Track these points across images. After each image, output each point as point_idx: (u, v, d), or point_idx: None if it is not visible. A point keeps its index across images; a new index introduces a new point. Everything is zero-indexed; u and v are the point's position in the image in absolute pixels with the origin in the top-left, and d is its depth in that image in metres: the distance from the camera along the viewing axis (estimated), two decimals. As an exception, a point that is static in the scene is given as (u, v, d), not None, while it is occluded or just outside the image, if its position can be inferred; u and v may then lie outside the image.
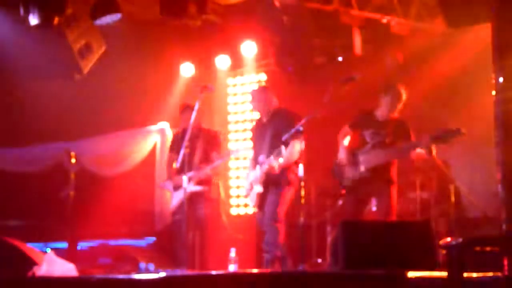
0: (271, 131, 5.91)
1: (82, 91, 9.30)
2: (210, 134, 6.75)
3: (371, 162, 5.68)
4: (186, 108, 6.88)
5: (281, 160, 5.62)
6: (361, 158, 5.74)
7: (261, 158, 5.90)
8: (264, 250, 5.78)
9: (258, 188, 5.89)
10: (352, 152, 5.84)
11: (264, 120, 6.13)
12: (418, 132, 5.87)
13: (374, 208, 6.12)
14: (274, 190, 5.86)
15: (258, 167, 5.95)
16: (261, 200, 5.93)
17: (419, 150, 5.63)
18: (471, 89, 6.98)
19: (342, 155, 5.88)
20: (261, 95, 6.16)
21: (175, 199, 6.63)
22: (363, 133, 5.81)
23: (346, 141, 5.91)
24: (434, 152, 5.53)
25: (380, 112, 5.87)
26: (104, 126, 9.25)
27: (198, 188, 6.43)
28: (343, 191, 5.96)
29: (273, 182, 5.85)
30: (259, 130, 6.19)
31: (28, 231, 8.47)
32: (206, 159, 6.54)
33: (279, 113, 6.03)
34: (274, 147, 5.71)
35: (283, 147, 5.57)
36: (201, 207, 6.50)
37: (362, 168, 5.72)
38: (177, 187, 6.65)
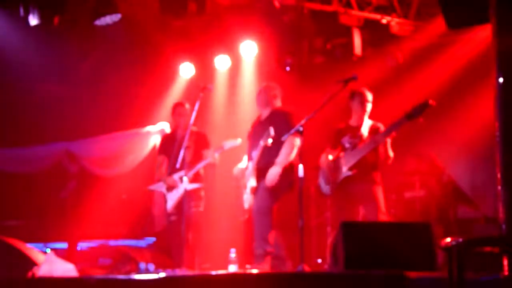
0: (266, 130, 5.75)
1: (82, 92, 9.31)
2: (200, 135, 6.75)
3: (351, 160, 5.74)
4: (177, 108, 6.88)
5: (270, 140, 5.56)
6: (343, 160, 5.80)
7: (254, 154, 5.85)
8: (254, 246, 5.68)
9: (252, 182, 5.80)
10: (334, 159, 5.89)
11: (262, 118, 6.09)
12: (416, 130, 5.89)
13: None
14: (264, 184, 5.75)
15: (250, 163, 5.90)
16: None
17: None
18: (471, 89, 6.98)
19: (324, 164, 5.95)
20: (268, 92, 6.10)
21: (170, 200, 6.62)
22: (342, 142, 5.90)
23: (330, 158, 5.96)
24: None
25: (354, 118, 6.00)
26: (104, 126, 9.25)
27: (195, 185, 6.42)
28: (329, 202, 6.03)
29: (264, 176, 5.76)
30: (256, 128, 6.12)
31: (28, 231, 8.47)
32: (197, 158, 6.54)
33: (278, 114, 5.98)
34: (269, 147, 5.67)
35: (271, 128, 5.52)
36: (192, 205, 6.48)
37: (344, 169, 5.77)
38: (170, 188, 6.64)
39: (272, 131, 5.53)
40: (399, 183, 7.38)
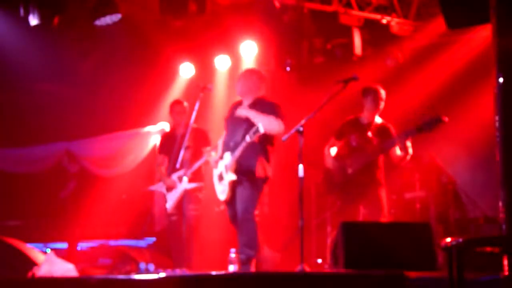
0: (249, 120, 5.52)
1: (82, 92, 9.32)
2: (199, 132, 6.72)
3: (357, 163, 5.71)
4: (174, 106, 6.87)
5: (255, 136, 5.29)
6: (348, 161, 5.78)
7: (232, 144, 5.58)
8: (239, 251, 5.47)
9: (231, 176, 5.50)
10: (339, 158, 5.87)
11: (244, 106, 5.72)
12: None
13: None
14: (246, 183, 5.49)
15: (228, 154, 5.58)
16: (233, 191, 5.54)
17: (399, 153, 5.67)
18: (471, 89, 6.98)
19: (329, 163, 5.92)
20: (251, 78, 5.74)
21: (170, 200, 6.61)
22: (349, 139, 5.86)
23: (333, 151, 5.94)
24: (410, 150, 5.56)
25: (364, 115, 5.94)
26: (104, 126, 9.25)
27: (193, 185, 6.40)
28: (333, 198, 6.00)
29: (245, 172, 5.49)
30: (235, 115, 5.72)
31: (28, 231, 8.48)
32: (197, 155, 6.51)
33: (260, 102, 5.65)
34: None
35: (260, 124, 5.22)
36: (190, 208, 6.42)
37: (349, 171, 5.74)
38: (170, 189, 6.62)
39: (261, 128, 5.21)
40: (399, 183, 7.37)
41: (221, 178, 5.69)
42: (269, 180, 5.63)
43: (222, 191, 5.67)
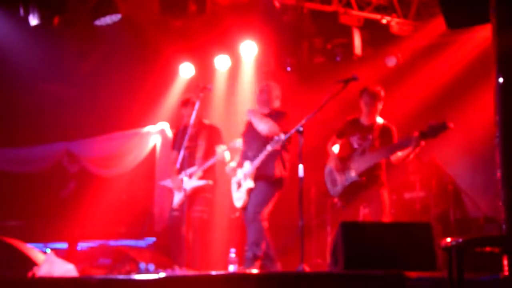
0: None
1: (82, 92, 9.32)
2: (212, 129, 6.71)
3: (361, 166, 5.68)
4: (187, 103, 6.84)
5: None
6: (351, 164, 5.76)
7: (251, 154, 5.78)
8: (246, 249, 5.62)
9: (249, 183, 5.73)
10: (342, 159, 5.86)
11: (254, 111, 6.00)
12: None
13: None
14: (259, 187, 5.71)
15: (247, 162, 5.81)
16: (249, 197, 5.78)
17: (400, 154, 5.65)
18: (471, 89, 6.98)
19: (332, 163, 5.92)
20: (270, 91, 6.00)
21: (177, 197, 6.61)
22: (350, 140, 5.84)
23: (336, 149, 5.94)
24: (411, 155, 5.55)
25: (364, 117, 5.89)
26: (104, 126, 9.25)
27: (201, 182, 6.38)
28: (335, 200, 5.99)
29: (261, 178, 5.72)
30: (252, 126, 5.99)
31: (28, 231, 8.48)
32: (210, 153, 6.51)
33: (272, 113, 5.88)
34: (265, 146, 5.64)
35: (282, 134, 5.51)
36: (196, 209, 6.43)
37: (352, 173, 5.72)
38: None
39: (283, 136, 5.48)
40: (400, 183, 7.37)
41: (239, 185, 5.87)
42: (283, 184, 5.77)
43: (239, 198, 5.87)
